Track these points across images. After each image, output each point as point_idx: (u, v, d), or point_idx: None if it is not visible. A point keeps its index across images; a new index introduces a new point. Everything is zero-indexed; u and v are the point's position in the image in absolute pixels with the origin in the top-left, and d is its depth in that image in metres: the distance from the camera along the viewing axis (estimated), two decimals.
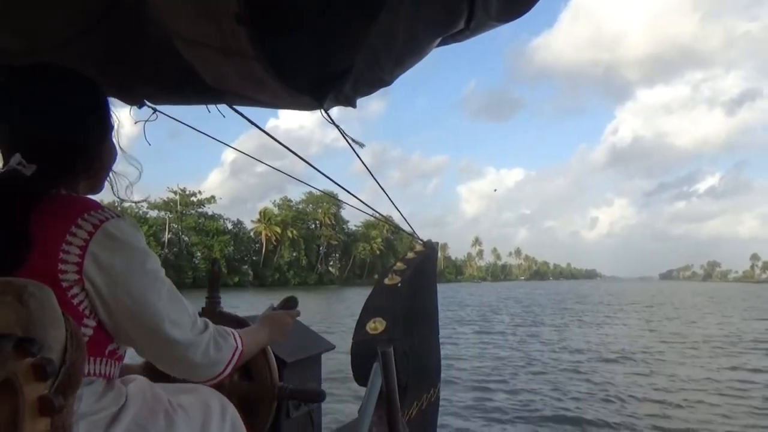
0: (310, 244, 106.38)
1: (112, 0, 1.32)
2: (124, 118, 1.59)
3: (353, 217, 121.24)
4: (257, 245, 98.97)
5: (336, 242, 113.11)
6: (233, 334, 1.30)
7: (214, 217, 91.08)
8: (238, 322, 1.64)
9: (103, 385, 1.12)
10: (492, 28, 1.11)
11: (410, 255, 2.95)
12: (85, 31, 1.35)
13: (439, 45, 1.16)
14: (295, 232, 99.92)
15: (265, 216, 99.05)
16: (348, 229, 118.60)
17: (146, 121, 1.74)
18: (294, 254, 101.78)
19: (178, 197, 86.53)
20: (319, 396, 1.68)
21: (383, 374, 1.52)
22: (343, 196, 2.68)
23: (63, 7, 1.31)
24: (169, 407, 1.23)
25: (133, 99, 1.70)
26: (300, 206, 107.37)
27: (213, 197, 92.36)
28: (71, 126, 1.15)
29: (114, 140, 1.26)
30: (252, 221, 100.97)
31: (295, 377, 1.90)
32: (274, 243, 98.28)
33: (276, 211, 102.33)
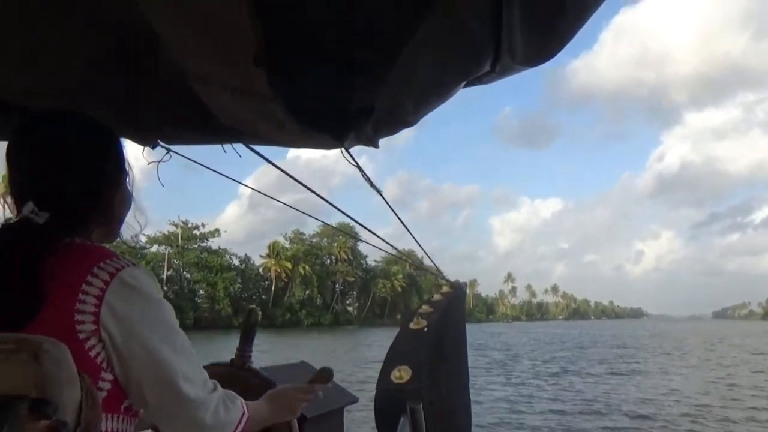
0: (325, 280, 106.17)
1: (130, 42, 1.41)
2: (137, 158, 1.68)
3: (372, 252, 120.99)
4: (266, 282, 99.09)
5: (353, 279, 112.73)
6: (239, 399, 1.34)
7: (218, 252, 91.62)
8: (264, 382, 1.68)
9: None
10: (519, 72, 1.17)
11: (437, 297, 2.99)
12: (103, 72, 1.44)
13: (464, 86, 1.22)
14: (307, 267, 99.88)
15: (274, 250, 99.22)
16: (366, 264, 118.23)
17: (159, 161, 1.82)
18: (307, 292, 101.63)
19: (179, 230, 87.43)
20: (328, 374, 1.68)
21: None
22: (363, 233, 2.74)
23: (82, 49, 1.40)
24: None
25: (147, 140, 1.80)
26: (314, 240, 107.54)
27: (217, 230, 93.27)
28: (85, 174, 1.23)
29: (128, 187, 1.34)
30: (261, 256, 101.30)
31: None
32: (285, 280, 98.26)
33: (287, 245, 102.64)
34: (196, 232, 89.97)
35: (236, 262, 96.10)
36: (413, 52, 1.07)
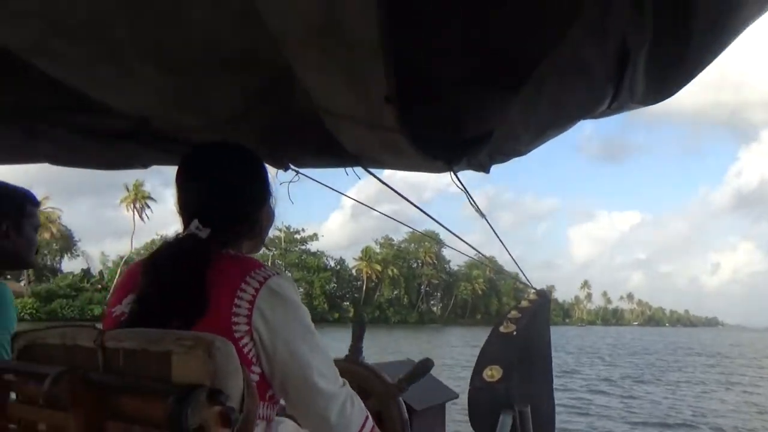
0: (411, 282, 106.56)
1: (271, 81, 1.50)
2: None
3: (455, 257, 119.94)
4: (358, 282, 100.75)
5: (437, 281, 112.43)
6: (362, 402, 1.35)
7: (316, 255, 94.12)
8: (376, 376, 1.73)
9: (264, 427, 1.24)
10: (632, 110, 1.14)
11: (524, 304, 2.95)
12: (249, 107, 1.54)
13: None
14: (395, 270, 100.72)
15: (366, 254, 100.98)
16: (450, 268, 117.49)
17: (290, 182, 1.92)
18: (395, 292, 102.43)
19: (282, 234, 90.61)
20: (429, 363, 1.71)
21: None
22: (449, 240, 2.75)
23: (232, 86, 1.51)
24: None
25: (281, 163, 1.90)
26: (402, 245, 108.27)
27: (315, 234, 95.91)
28: (239, 196, 1.33)
29: (272, 206, 1.42)
30: (354, 258, 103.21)
31: (423, 425, 1.96)
32: (375, 281, 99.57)
33: (378, 249, 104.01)
34: (296, 236, 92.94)
35: (332, 264, 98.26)
36: (534, 87, 1.06)
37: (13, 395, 1.15)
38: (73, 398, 0.97)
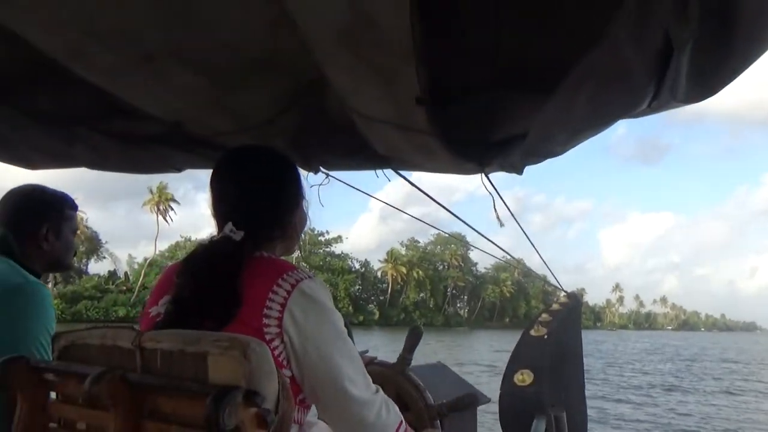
0: (437, 285, 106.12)
1: (303, 85, 1.51)
2: None
3: (482, 260, 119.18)
4: (384, 285, 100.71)
5: (463, 284, 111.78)
6: (396, 406, 1.35)
7: (340, 257, 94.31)
8: (420, 393, 1.72)
9: (296, 430, 1.25)
10: (672, 108, 1.11)
11: (555, 306, 2.92)
12: (283, 111, 1.56)
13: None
14: (421, 272, 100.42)
15: (392, 256, 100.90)
16: (476, 271, 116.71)
17: (320, 185, 1.93)
18: (421, 295, 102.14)
19: (306, 236, 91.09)
20: (475, 399, 1.69)
21: None
22: (477, 242, 2.73)
23: (267, 91, 1.52)
24: None
25: (311, 166, 1.91)
26: (428, 247, 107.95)
27: (340, 237, 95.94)
28: (272, 200, 1.33)
29: (305, 209, 1.43)
30: (379, 261, 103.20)
31: (455, 429, 1.94)
32: (400, 283, 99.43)
33: (403, 251, 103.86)
34: (321, 238, 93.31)
35: (357, 266, 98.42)
36: (572, 87, 1.04)
37: (53, 394, 1.18)
38: (113, 398, 0.99)
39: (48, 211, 1.64)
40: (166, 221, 76.84)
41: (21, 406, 1.15)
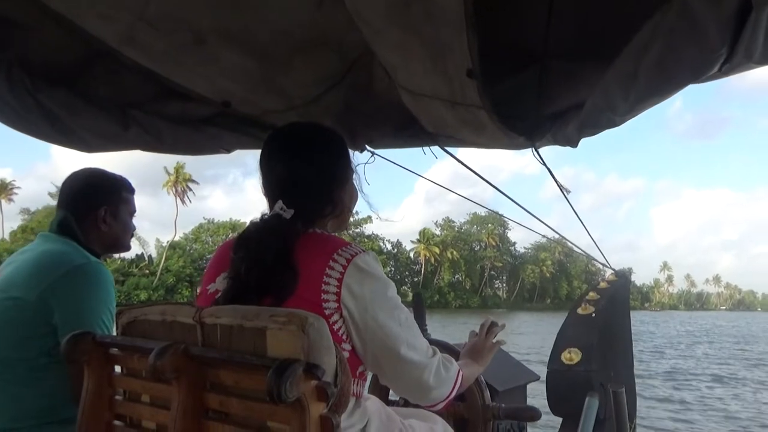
0: (473, 265, 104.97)
1: (352, 61, 1.51)
2: None
3: (521, 240, 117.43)
4: (417, 266, 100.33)
5: (501, 264, 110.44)
6: (454, 361, 1.40)
7: (371, 238, 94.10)
8: (447, 349, 1.73)
9: (354, 402, 1.26)
10: (746, 71, 1.05)
11: (603, 285, 2.87)
12: (329, 88, 1.55)
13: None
14: (455, 253, 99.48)
15: (424, 236, 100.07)
16: (515, 251, 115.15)
17: (365, 163, 1.93)
18: (456, 276, 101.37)
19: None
20: (534, 414, 1.68)
21: (616, 416, 1.48)
22: (526, 222, 2.69)
23: (314, 69, 1.52)
24: (402, 427, 1.35)
25: (358, 145, 1.91)
26: (464, 227, 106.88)
27: (369, 217, 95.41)
28: (322, 177, 1.33)
29: (355, 184, 1.42)
30: (411, 241, 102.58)
31: (505, 401, 1.95)
32: (434, 264, 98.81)
33: (437, 231, 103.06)
34: (350, 219, 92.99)
35: (389, 247, 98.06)
36: (637, 51, 1.00)
37: (117, 368, 1.23)
38: (176, 371, 1.02)
39: (106, 194, 1.69)
40: (183, 202, 75.05)
41: (88, 379, 1.20)
